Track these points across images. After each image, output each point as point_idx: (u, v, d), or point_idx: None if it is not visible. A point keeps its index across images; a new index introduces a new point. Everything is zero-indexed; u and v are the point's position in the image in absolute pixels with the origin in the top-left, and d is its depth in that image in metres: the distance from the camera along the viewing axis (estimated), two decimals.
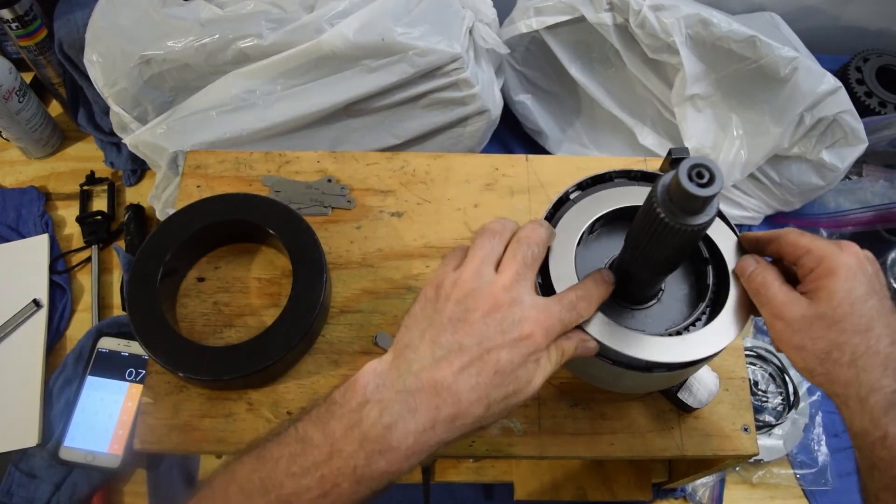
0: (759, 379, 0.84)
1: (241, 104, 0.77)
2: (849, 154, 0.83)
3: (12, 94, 0.91)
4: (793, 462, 0.81)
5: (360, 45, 0.75)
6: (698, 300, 0.50)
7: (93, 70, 0.78)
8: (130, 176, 0.98)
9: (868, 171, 0.94)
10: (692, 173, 0.37)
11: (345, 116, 0.82)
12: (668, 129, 0.92)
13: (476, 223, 0.68)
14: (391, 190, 0.69)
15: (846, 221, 0.89)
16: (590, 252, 0.52)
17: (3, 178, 0.99)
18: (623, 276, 0.49)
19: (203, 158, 0.71)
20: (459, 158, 0.72)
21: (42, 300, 0.87)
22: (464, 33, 0.80)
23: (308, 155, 0.71)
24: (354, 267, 0.66)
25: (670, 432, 0.58)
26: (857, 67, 1.01)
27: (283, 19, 0.77)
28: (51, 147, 1.00)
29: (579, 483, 0.77)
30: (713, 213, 0.39)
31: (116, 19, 0.79)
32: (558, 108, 1.01)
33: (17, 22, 0.88)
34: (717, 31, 0.79)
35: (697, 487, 0.79)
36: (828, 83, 0.79)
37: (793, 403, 0.82)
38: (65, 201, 0.97)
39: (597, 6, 0.84)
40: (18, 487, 0.77)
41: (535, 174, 0.71)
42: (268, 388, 0.59)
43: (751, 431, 0.59)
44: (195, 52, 0.76)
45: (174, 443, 0.57)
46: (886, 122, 0.91)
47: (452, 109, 0.84)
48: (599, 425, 0.59)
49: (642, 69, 0.88)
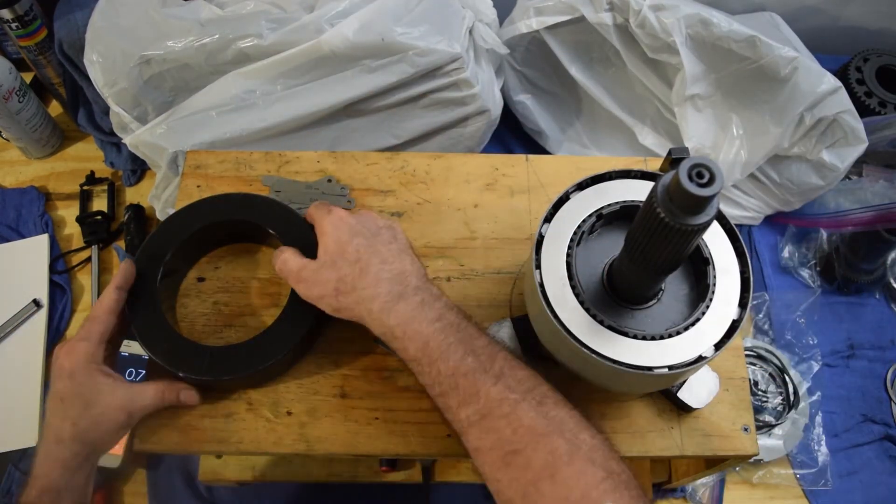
0: (759, 379, 0.84)
1: (241, 104, 0.77)
2: (849, 154, 0.83)
3: (12, 94, 0.91)
4: (793, 462, 0.81)
5: (360, 45, 0.75)
6: (698, 300, 0.50)
7: (93, 70, 0.78)
8: (130, 176, 0.98)
9: (868, 171, 0.94)
10: (692, 173, 0.37)
11: (345, 116, 0.82)
12: (668, 129, 0.92)
13: (476, 223, 0.68)
14: (391, 190, 0.69)
15: (846, 221, 0.89)
16: (590, 252, 0.52)
17: (3, 178, 0.99)
18: (623, 276, 0.49)
19: (203, 158, 0.71)
20: (459, 158, 0.72)
21: (42, 300, 0.87)
22: (464, 33, 0.80)
23: (308, 155, 0.71)
24: None
25: (670, 432, 0.58)
26: (857, 67, 1.01)
27: (283, 19, 0.77)
28: (51, 147, 1.00)
29: None
30: (713, 213, 0.39)
31: (116, 19, 0.79)
32: (558, 108, 1.01)
33: (17, 22, 0.88)
34: (717, 31, 0.79)
35: (697, 487, 0.79)
36: (828, 83, 0.79)
37: (793, 403, 0.82)
38: (65, 201, 0.97)
39: (597, 6, 0.84)
40: (18, 487, 0.77)
41: (535, 174, 0.71)
42: (268, 388, 0.59)
43: (751, 431, 0.59)
44: (195, 52, 0.76)
45: (174, 443, 0.57)
46: (886, 122, 0.91)
47: (452, 109, 0.84)
48: (599, 425, 0.59)
49: (642, 69, 0.88)
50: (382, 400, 0.59)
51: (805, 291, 0.91)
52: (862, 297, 0.92)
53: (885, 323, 0.91)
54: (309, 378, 0.60)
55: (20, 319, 0.86)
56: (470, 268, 0.65)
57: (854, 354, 0.88)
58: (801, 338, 0.87)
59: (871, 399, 0.85)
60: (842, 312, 0.91)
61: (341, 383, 0.60)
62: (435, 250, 0.66)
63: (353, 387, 0.60)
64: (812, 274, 0.93)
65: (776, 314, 0.89)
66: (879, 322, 0.91)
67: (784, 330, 0.88)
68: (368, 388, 0.60)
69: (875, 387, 0.86)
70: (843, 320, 0.90)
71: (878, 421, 0.84)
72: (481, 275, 0.65)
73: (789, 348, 0.87)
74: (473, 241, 0.67)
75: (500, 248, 0.66)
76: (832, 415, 0.84)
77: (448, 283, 0.65)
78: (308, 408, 0.59)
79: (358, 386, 0.60)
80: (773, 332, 0.88)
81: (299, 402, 0.59)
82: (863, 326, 0.90)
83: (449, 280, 0.65)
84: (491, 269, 0.65)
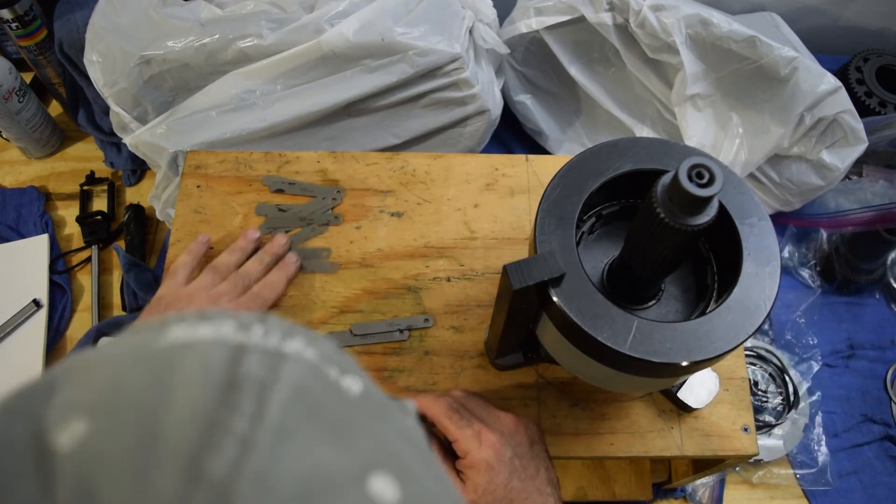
0: (759, 379, 0.84)
1: (241, 104, 0.77)
2: (849, 154, 0.83)
3: (12, 94, 0.91)
4: (793, 462, 0.81)
5: (360, 45, 0.75)
6: (698, 300, 0.50)
7: (93, 70, 0.78)
8: (130, 176, 0.98)
9: (868, 171, 0.94)
10: (692, 173, 0.37)
11: (345, 116, 0.82)
12: (668, 129, 0.92)
13: (476, 223, 0.68)
14: (391, 190, 0.69)
15: (846, 221, 0.89)
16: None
17: (3, 178, 0.99)
18: (623, 276, 0.49)
19: (203, 158, 0.71)
20: (459, 158, 0.72)
21: (42, 300, 0.87)
22: (464, 33, 0.80)
23: (308, 155, 0.72)
24: (354, 267, 0.66)
25: (670, 432, 0.58)
26: (857, 67, 1.01)
27: (283, 19, 0.77)
28: (51, 147, 1.00)
29: (579, 483, 0.77)
30: (713, 213, 0.39)
31: (116, 19, 0.79)
32: (558, 108, 1.01)
33: (17, 22, 0.88)
34: (717, 31, 0.79)
35: (697, 487, 0.79)
36: (828, 83, 0.79)
37: (793, 403, 0.82)
38: (65, 201, 0.97)
39: (597, 6, 0.84)
40: None
41: (535, 174, 0.71)
42: None
43: (751, 431, 0.59)
44: (195, 52, 0.76)
45: None
46: (886, 122, 0.91)
47: (452, 109, 0.84)
48: (599, 425, 0.59)
49: (642, 69, 0.88)
50: None
51: (805, 291, 0.91)
52: (862, 297, 0.92)
53: (885, 323, 0.91)
54: None
55: (20, 319, 0.86)
56: (470, 268, 0.65)
57: (854, 354, 0.88)
58: (801, 338, 0.87)
59: (871, 399, 0.85)
60: (842, 312, 0.91)
61: None
62: (435, 250, 0.66)
63: None
64: (812, 274, 0.93)
65: (776, 314, 0.89)
66: (879, 322, 0.91)
67: (784, 330, 0.88)
68: None
69: (875, 387, 0.86)
70: (843, 320, 0.90)
71: (878, 421, 0.84)
72: (481, 275, 0.65)
73: (789, 348, 0.87)
74: (473, 241, 0.67)
75: (500, 248, 0.66)
76: (832, 415, 0.84)
77: (448, 283, 0.65)
78: None
79: None
80: (773, 332, 0.88)
81: None
82: (863, 326, 0.90)
83: (449, 280, 0.65)
84: (491, 269, 0.65)
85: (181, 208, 0.69)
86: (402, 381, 0.60)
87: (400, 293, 0.64)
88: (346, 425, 0.21)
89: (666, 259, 0.43)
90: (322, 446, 0.20)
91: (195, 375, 0.20)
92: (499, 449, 0.50)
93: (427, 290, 0.65)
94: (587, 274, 0.45)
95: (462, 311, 0.64)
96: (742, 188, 0.48)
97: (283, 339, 0.22)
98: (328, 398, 0.22)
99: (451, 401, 0.53)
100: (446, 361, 0.62)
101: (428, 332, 0.63)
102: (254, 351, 0.21)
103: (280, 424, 0.19)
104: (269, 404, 0.20)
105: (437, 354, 0.62)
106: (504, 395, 0.61)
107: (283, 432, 0.19)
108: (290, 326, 0.23)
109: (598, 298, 0.44)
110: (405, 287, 0.65)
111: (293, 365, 0.21)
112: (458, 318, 0.63)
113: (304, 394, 0.21)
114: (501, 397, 0.60)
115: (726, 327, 0.44)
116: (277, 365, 0.21)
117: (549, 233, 0.46)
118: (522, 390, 0.61)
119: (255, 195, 0.70)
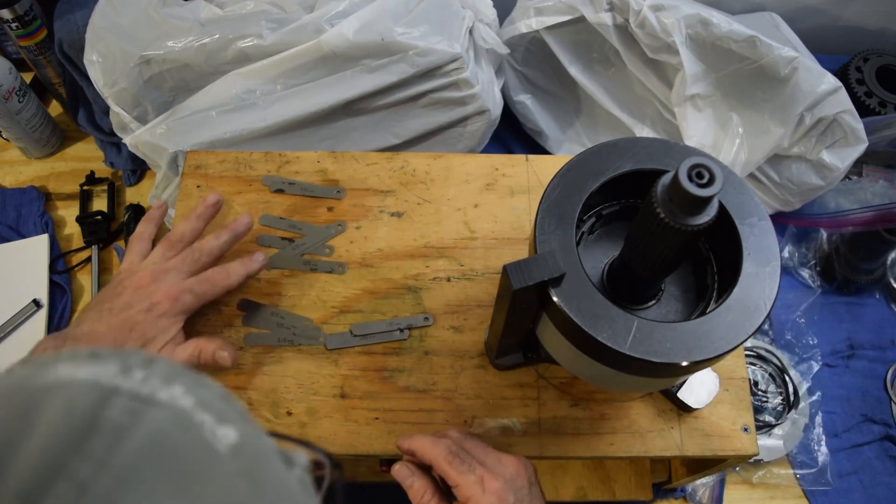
0: (759, 379, 0.84)
1: (241, 104, 0.77)
2: (849, 154, 0.83)
3: (12, 94, 0.91)
4: (793, 462, 0.81)
5: (360, 45, 0.75)
6: (698, 300, 0.50)
7: (93, 70, 0.78)
8: (130, 176, 0.98)
9: (868, 171, 0.94)
10: (692, 173, 0.37)
11: (345, 116, 0.82)
12: (668, 129, 0.92)
13: (476, 223, 0.68)
14: (391, 190, 0.70)
15: (846, 221, 0.89)
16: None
17: (3, 178, 0.99)
18: (623, 276, 0.49)
19: (203, 158, 0.71)
20: (459, 158, 0.72)
21: (42, 300, 0.87)
22: (464, 33, 0.80)
23: (308, 155, 0.72)
24: (354, 267, 0.66)
25: (670, 432, 0.58)
26: (857, 67, 1.01)
27: (283, 19, 0.77)
28: (51, 147, 1.00)
29: (579, 483, 0.77)
30: (713, 213, 0.39)
31: (116, 19, 0.79)
32: (558, 108, 1.01)
33: (17, 22, 0.88)
34: (717, 31, 0.79)
35: (697, 487, 0.79)
36: (828, 83, 0.79)
37: (793, 403, 0.82)
38: (65, 201, 0.97)
39: (597, 6, 0.84)
40: None
41: (535, 174, 0.71)
42: (267, 388, 0.59)
43: (751, 431, 0.59)
44: (195, 52, 0.76)
45: None
46: (886, 122, 0.91)
47: (452, 109, 0.84)
48: (599, 425, 0.59)
49: (642, 69, 0.88)
50: (382, 400, 0.59)
51: (805, 291, 0.91)
52: (862, 297, 0.92)
53: (885, 323, 0.91)
54: (309, 378, 0.60)
55: (20, 319, 0.86)
56: (470, 268, 0.65)
57: (854, 354, 0.88)
58: (801, 338, 0.87)
59: (871, 399, 0.85)
60: (842, 312, 0.91)
61: (341, 383, 0.60)
62: (435, 250, 0.66)
63: (352, 387, 0.60)
64: (812, 274, 0.93)
65: (776, 314, 0.89)
66: (879, 322, 0.91)
67: (784, 330, 0.88)
68: (368, 388, 0.60)
69: (875, 387, 0.86)
70: (843, 320, 0.91)
71: (878, 421, 0.84)
72: (481, 275, 0.65)
73: (789, 348, 0.87)
74: (473, 241, 0.67)
75: (500, 248, 0.66)
76: (832, 415, 0.84)
77: (448, 283, 0.65)
78: (308, 408, 0.59)
79: (358, 386, 0.60)
80: (773, 332, 0.88)
81: (299, 402, 0.59)
82: (863, 326, 0.90)
83: (449, 280, 0.65)
84: (491, 269, 0.65)
85: (181, 208, 0.69)
86: (401, 381, 0.60)
87: (400, 293, 0.64)
88: (199, 478, 0.21)
89: (666, 259, 0.43)
90: (167, 498, 0.20)
91: (57, 416, 0.20)
92: (503, 495, 0.50)
93: (427, 290, 0.65)
94: (587, 274, 0.45)
95: (462, 311, 0.64)
96: (742, 188, 0.48)
97: (162, 384, 0.22)
98: (189, 448, 0.21)
99: (451, 443, 0.52)
100: (446, 361, 0.62)
101: (428, 332, 0.63)
102: (123, 395, 0.21)
103: (125, 472, 0.19)
104: (119, 451, 0.20)
105: (437, 354, 0.62)
106: (504, 395, 0.61)
107: (126, 480, 0.19)
108: (177, 372, 0.23)
109: (598, 298, 0.44)
110: (405, 287, 0.65)
111: (158, 411, 0.21)
112: (458, 318, 0.63)
113: (161, 441, 0.21)
114: (501, 397, 0.60)
115: (726, 327, 0.44)
116: (142, 411, 0.21)
117: (549, 233, 0.46)
118: (522, 390, 0.61)
119: (255, 195, 0.70)
